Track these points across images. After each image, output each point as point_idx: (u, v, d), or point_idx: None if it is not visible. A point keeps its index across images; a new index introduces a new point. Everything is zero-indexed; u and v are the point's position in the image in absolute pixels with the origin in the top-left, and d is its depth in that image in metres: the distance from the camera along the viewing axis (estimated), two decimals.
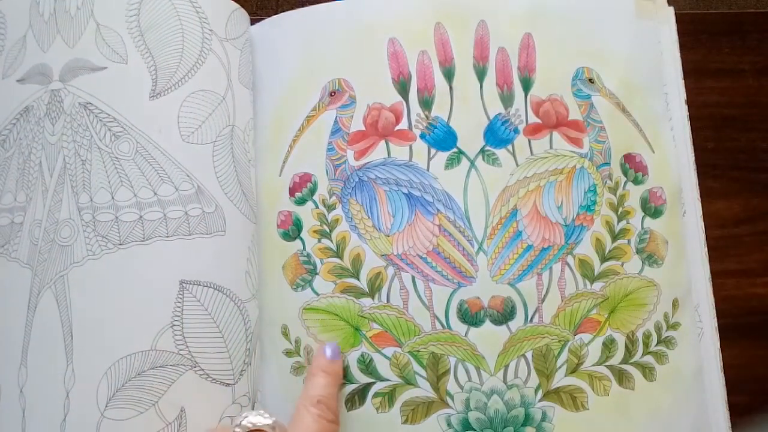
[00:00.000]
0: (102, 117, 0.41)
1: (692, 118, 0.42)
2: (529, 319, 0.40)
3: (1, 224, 0.41)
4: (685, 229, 0.43)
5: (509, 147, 0.42)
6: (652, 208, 0.42)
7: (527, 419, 0.39)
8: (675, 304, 0.41)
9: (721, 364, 0.40)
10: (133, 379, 0.38)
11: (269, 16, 0.46)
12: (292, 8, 0.45)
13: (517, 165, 0.42)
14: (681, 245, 0.42)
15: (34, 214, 0.40)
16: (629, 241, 0.41)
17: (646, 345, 0.40)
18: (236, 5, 0.44)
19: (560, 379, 0.40)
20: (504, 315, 0.40)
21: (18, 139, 0.42)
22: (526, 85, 0.43)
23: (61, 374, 0.38)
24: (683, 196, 0.43)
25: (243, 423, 0.36)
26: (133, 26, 0.42)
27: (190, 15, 0.42)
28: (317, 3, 0.45)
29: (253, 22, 0.46)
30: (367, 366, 0.40)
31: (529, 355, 0.40)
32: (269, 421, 0.36)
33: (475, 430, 0.39)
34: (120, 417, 0.37)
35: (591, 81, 0.43)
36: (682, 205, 0.43)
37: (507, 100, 0.43)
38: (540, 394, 0.40)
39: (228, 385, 0.39)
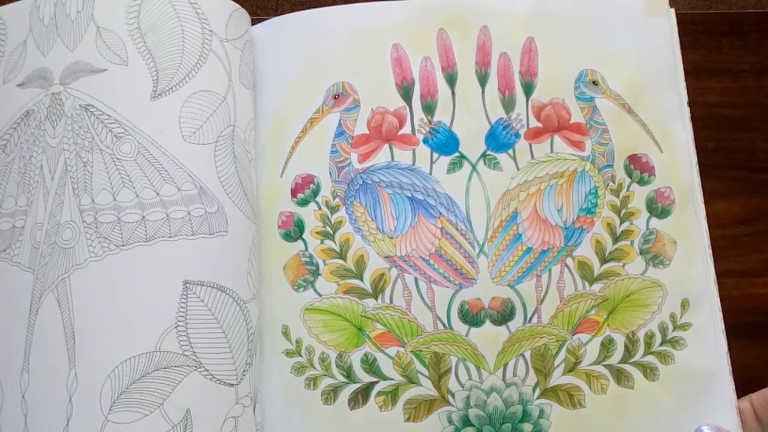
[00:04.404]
0: (103, 118, 0.40)
1: (692, 118, 0.42)
2: (527, 320, 0.41)
3: (3, 229, 0.41)
4: (699, 228, 0.42)
5: (510, 151, 0.42)
6: (659, 208, 0.42)
7: (525, 416, 0.40)
8: (684, 304, 0.41)
9: (731, 367, 0.40)
10: (138, 381, 0.37)
11: (269, 16, 0.45)
12: (292, 9, 0.44)
13: (518, 169, 0.42)
14: (692, 245, 0.41)
15: (35, 218, 0.40)
16: (632, 242, 0.41)
17: (648, 345, 0.40)
18: (236, 5, 0.44)
19: (558, 378, 0.40)
20: (503, 316, 0.41)
21: (19, 144, 0.42)
22: (528, 89, 0.43)
23: (63, 378, 0.37)
24: (694, 195, 0.42)
25: None
26: (133, 28, 0.41)
27: (190, 16, 0.42)
28: (316, 3, 0.44)
29: (252, 22, 0.45)
30: (370, 365, 0.41)
31: (527, 354, 0.40)
32: None
33: (474, 426, 0.40)
34: (124, 420, 0.37)
35: (595, 83, 0.43)
36: (694, 203, 0.42)
37: (508, 104, 0.43)
38: (538, 391, 0.40)
39: (232, 385, 0.39)
